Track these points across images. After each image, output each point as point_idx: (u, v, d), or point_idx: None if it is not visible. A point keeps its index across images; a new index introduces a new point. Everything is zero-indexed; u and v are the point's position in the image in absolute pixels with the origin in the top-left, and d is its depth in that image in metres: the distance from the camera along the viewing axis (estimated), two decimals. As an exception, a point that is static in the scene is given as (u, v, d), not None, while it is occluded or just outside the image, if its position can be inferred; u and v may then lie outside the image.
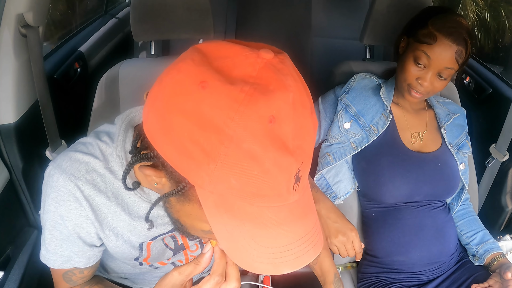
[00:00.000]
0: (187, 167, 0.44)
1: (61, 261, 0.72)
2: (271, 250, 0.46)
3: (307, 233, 0.49)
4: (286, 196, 0.46)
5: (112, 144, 0.67)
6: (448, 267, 1.14)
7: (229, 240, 0.46)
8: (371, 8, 1.28)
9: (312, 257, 0.49)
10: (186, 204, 0.51)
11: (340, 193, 1.17)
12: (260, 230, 0.46)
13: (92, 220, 0.68)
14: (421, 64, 1.01)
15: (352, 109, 1.15)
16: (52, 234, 0.69)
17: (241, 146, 0.42)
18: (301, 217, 0.49)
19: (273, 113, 0.43)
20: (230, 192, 0.44)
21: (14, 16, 0.96)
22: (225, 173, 0.43)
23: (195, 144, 0.43)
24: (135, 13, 1.12)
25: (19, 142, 1.08)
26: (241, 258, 0.47)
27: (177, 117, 0.44)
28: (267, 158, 0.43)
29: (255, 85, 0.43)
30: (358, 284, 1.19)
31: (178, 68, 0.46)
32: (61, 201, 0.66)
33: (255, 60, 0.45)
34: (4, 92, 1.03)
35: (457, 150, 1.18)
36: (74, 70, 1.77)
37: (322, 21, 2.44)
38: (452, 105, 1.25)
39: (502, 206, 1.46)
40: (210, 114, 0.42)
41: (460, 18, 1.00)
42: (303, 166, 0.47)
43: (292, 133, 0.44)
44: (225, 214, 0.46)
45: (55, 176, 0.66)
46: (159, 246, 0.80)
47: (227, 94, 0.42)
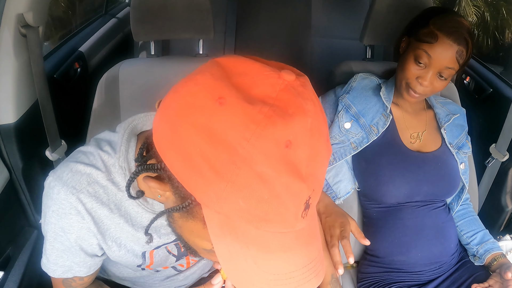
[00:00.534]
0: (195, 184, 0.43)
1: (61, 271, 0.71)
2: (273, 277, 0.45)
3: (310, 262, 0.48)
4: (294, 223, 0.45)
5: (114, 154, 0.65)
6: (448, 267, 1.14)
7: (231, 261, 0.45)
8: (371, 8, 1.28)
9: (314, 286, 0.48)
10: (190, 221, 0.50)
11: (340, 193, 1.17)
12: (263, 255, 0.45)
13: (95, 232, 0.67)
14: (421, 63, 1.01)
15: (352, 109, 1.15)
16: (53, 246, 0.69)
17: (253, 168, 0.41)
18: (306, 245, 0.48)
19: (290, 137, 0.42)
20: (236, 214, 0.43)
21: (14, 16, 0.96)
22: (234, 194, 0.42)
23: (206, 161, 0.41)
24: (135, 13, 1.12)
25: (19, 142, 1.07)
26: (241, 281, 0.46)
27: (189, 131, 0.42)
28: (279, 183, 0.42)
29: (274, 107, 0.42)
30: (358, 284, 1.19)
31: (196, 81, 0.45)
32: (63, 214, 0.64)
33: (276, 81, 0.44)
34: (4, 92, 1.03)
35: (457, 150, 1.18)
36: (74, 70, 1.77)
37: (322, 21, 2.44)
38: (452, 105, 1.25)
39: (502, 206, 1.47)
40: (225, 132, 0.41)
41: (461, 19, 1.00)
42: (313, 194, 0.46)
43: (307, 160, 0.43)
44: (229, 236, 0.44)
45: (55, 188, 0.64)
46: (162, 254, 0.79)
47: (245, 114, 0.41)
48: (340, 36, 2.41)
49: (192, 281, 0.99)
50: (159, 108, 0.49)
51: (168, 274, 0.91)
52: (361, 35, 1.33)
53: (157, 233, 0.73)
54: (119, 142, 0.65)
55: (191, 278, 0.97)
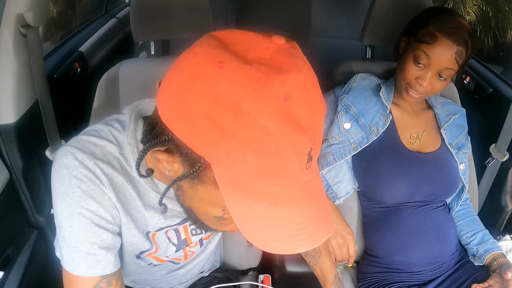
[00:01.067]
0: (204, 146, 0.46)
1: (85, 264, 0.64)
2: (286, 229, 0.47)
3: (319, 213, 0.51)
4: (299, 175, 0.48)
5: (123, 132, 0.66)
6: (448, 267, 1.14)
7: (245, 219, 0.47)
8: (371, 8, 1.28)
9: (325, 236, 0.50)
10: (199, 187, 0.52)
11: (340, 193, 1.17)
12: (274, 208, 0.47)
13: (114, 201, 0.65)
14: (421, 63, 1.01)
15: (352, 110, 1.15)
16: (72, 227, 0.62)
17: (257, 122, 0.44)
18: (313, 198, 0.51)
19: (288, 91, 0.45)
20: (246, 170, 0.46)
21: (14, 16, 0.96)
22: (242, 150, 0.44)
23: (212, 122, 0.44)
24: (135, 13, 1.12)
25: (19, 142, 1.08)
26: (257, 238, 0.48)
27: (194, 97, 0.45)
28: (282, 134, 0.45)
29: (270, 66, 0.45)
30: (358, 284, 1.19)
31: (195, 52, 0.48)
32: (83, 177, 0.62)
33: (268, 45, 0.47)
34: (4, 92, 1.03)
35: (457, 150, 1.18)
36: (74, 70, 1.77)
37: (322, 21, 2.44)
38: (452, 105, 1.25)
39: (502, 206, 1.47)
40: (228, 92, 0.44)
41: (461, 19, 1.00)
42: (314, 146, 0.49)
43: (305, 114, 0.46)
44: (240, 193, 0.47)
45: (71, 155, 0.62)
46: (163, 240, 0.80)
47: (244, 73, 0.44)
48: (340, 36, 2.41)
49: (192, 277, 0.99)
50: (161, 86, 0.52)
51: (168, 269, 0.91)
52: (361, 35, 1.33)
53: (163, 214, 0.74)
54: (127, 121, 0.67)
55: (191, 273, 0.97)
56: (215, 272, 1.06)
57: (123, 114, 0.69)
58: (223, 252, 1.12)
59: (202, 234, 0.86)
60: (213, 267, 1.08)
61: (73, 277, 0.65)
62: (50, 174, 0.66)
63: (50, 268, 1.13)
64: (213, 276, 1.05)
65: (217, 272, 1.07)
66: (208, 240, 0.92)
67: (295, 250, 0.48)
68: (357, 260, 1.26)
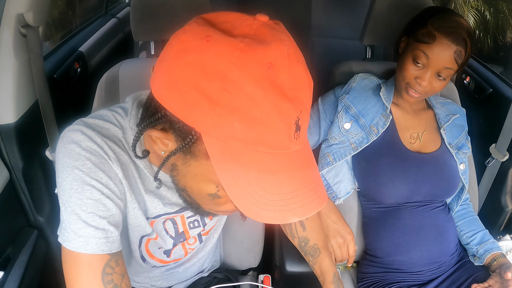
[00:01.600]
0: (193, 115, 0.48)
1: (95, 240, 0.61)
2: (277, 197, 0.49)
3: (311, 183, 0.52)
4: (288, 144, 0.49)
5: (126, 117, 0.68)
6: (448, 267, 1.14)
7: (236, 189, 0.48)
8: (371, 8, 1.28)
9: (317, 207, 0.51)
10: (192, 162, 0.54)
11: (340, 193, 1.17)
12: (265, 176, 0.49)
13: (121, 177, 0.66)
14: (419, 63, 1.01)
15: (352, 110, 1.15)
16: (82, 201, 0.61)
17: (243, 89, 0.46)
18: (304, 167, 0.52)
19: (271, 60, 0.47)
20: (234, 138, 0.47)
21: (14, 16, 0.96)
22: (229, 118, 0.46)
23: (201, 92, 0.47)
24: (135, 13, 1.12)
25: (19, 142, 1.07)
26: (249, 208, 0.48)
27: (183, 70, 0.48)
28: (267, 101, 0.47)
29: (253, 38, 0.48)
30: (358, 284, 1.19)
31: (184, 30, 0.51)
32: (93, 150, 0.62)
33: (252, 22, 0.51)
34: (4, 92, 1.03)
35: (456, 151, 1.18)
36: (74, 70, 1.77)
37: (322, 21, 2.44)
38: (452, 105, 1.25)
39: (502, 206, 1.47)
40: (214, 62, 0.46)
41: (460, 19, 1.00)
42: (302, 116, 0.50)
43: (289, 83, 0.48)
44: (231, 162, 0.48)
45: (78, 132, 0.63)
46: (160, 231, 0.80)
47: (229, 44, 0.47)
48: (340, 36, 2.41)
49: (192, 275, 0.99)
50: (154, 68, 0.54)
51: (168, 265, 0.91)
52: (361, 35, 1.33)
53: (162, 200, 0.74)
54: (129, 107, 0.69)
55: (190, 271, 0.97)
56: (215, 272, 1.06)
57: (126, 102, 0.72)
58: (223, 252, 1.12)
59: (200, 227, 0.86)
60: (213, 267, 1.08)
61: (80, 257, 0.61)
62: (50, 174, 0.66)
63: (50, 268, 1.13)
64: (213, 276, 1.05)
65: (217, 272, 1.07)
66: (207, 236, 0.92)
67: (287, 219, 0.49)
68: (357, 260, 1.26)
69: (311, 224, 0.95)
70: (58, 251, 0.68)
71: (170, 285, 0.96)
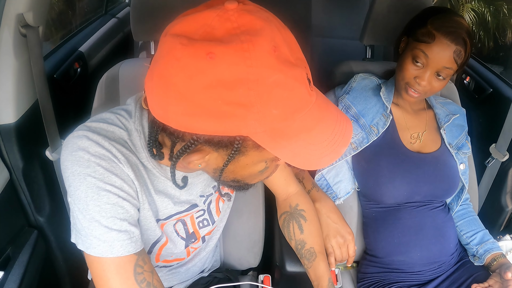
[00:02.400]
0: (235, 126, 0.49)
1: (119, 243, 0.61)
2: (325, 143, 0.55)
3: (337, 114, 0.60)
4: (309, 99, 0.54)
5: (130, 119, 0.68)
6: (448, 267, 1.14)
7: (295, 157, 0.53)
8: (371, 8, 1.28)
9: (350, 129, 0.60)
10: (241, 158, 0.57)
11: (340, 193, 1.17)
12: (311, 133, 0.54)
13: (132, 178, 0.65)
14: (419, 63, 1.01)
15: (352, 110, 1.15)
16: (100, 206, 0.61)
17: (266, 82, 0.48)
18: (326, 106, 0.59)
19: (273, 43, 0.50)
20: (277, 121, 0.51)
21: (14, 16, 0.96)
22: (266, 110, 0.49)
23: (231, 104, 0.48)
24: (135, 13, 1.12)
25: (19, 142, 1.07)
26: (310, 164, 0.55)
27: (203, 94, 0.48)
28: (288, 78, 0.50)
29: (245, 32, 0.49)
30: (358, 284, 1.19)
31: (175, 58, 0.49)
32: (102, 155, 0.62)
33: (227, 15, 0.50)
34: (4, 92, 1.03)
35: (456, 151, 1.18)
36: (74, 70, 1.77)
37: (322, 21, 2.44)
38: (452, 105, 1.25)
39: (502, 206, 1.47)
40: (230, 74, 0.47)
41: (460, 19, 1.00)
42: (307, 70, 0.55)
43: (290, 52, 0.52)
44: (282, 141, 0.52)
45: (84, 138, 0.62)
46: (171, 233, 0.80)
47: (234, 50, 0.47)
48: (340, 36, 2.41)
49: (193, 275, 0.99)
50: (155, 104, 0.53)
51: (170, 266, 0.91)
52: (361, 35, 1.33)
53: (172, 199, 0.75)
54: (133, 109, 0.69)
55: (192, 271, 0.97)
56: (215, 272, 1.06)
57: (128, 104, 0.71)
58: (223, 252, 1.12)
59: (209, 226, 0.87)
60: (213, 267, 1.08)
61: (107, 262, 0.61)
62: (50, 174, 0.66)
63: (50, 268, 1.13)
64: (213, 276, 1.05)
65: (217, 272, 1.07)
66: (210, 236, 0.92)
67: (340, 152, 0.57)
68: (357, 260, 1.26)
69: (309, 227, 0.95)
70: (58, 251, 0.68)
71: (171, 285, 0.97)
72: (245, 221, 1.11)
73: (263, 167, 0.61)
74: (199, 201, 0.81)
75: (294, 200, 0.97)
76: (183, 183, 0.71)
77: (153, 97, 0.53)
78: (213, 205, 0.87)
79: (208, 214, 0.86)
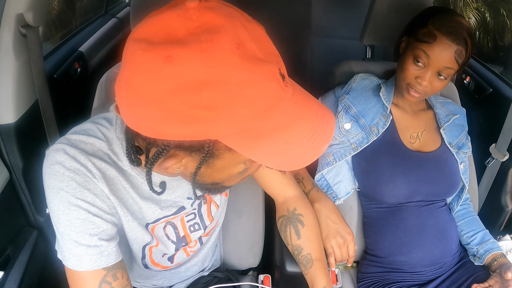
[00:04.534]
0: (203, 129, 0.47)
1: (89, 257, 0.63)
2: (305, 140, 0.53)
3: (317, 108, 0.56)
4: (284, 95, 0.51)
5: (111, 127, 0.68)
6: (448, 267, 1.14)
7: (272, 157, 0.51)
8: (371, 8, 1.28)
9: (332, 122, 0.57)
10: (216, 162, 0.55)
11: (340, 194, 1.17)
12: (288, 132, 0.51)
13: (107, 193, 0.66)
14: (420, 63, 1.01)
15: (352, 110, 1.15)
16: (70, 221, 0.62)
17: (230, 81, 0.46)
18: (306, 102, 0.56)
19: (236, 41, 0.47)
20: (248, 122, 0.48)
21: (14, 16, 0.96)
22: (235, 111, 0.47)
23: (196, 108, 0.46)
24: (135, 13, 1.12)
25: (19, 142, 1.07)
26: (288, 164, 0.53)
27: (168, 99, 0.46)
28: (256, 76, 0.47)
29: (206, 31, 0.46)
30: (358, 284, 1.19)
31: (136, 64, 0.48)
32: (76, 169, 0.62)
33: (187, 14, 0.48)
34: (4, 92, 1.03)
35: (457, 150, 1.18)
36: (74, 70, 1.77)
37: (322, 21, 2.44)
38: (452, 105, 1.25)
39: (502, 206, 1.47)
40: (191, 76, 0.45)
41: (461, 19, 1.00)
42: (280, 65, 0.52)
43: (257, 46, 0.49)
44: (256, 142, 0.50)
45: (61, 151, 0.63)
46: (161, 237, 0.80)
47: (193, 52, 0.45)
48: (340, 36, 2.41)
49: (193, 274, 0.99)
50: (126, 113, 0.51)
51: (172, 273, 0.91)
52: (361, 35, 1.33)
53: (158, 204, 0.74)
54: (114, 117, 0.68)
55: (191, 270, 0.97)
56: (215, 272, 1.06)
57: (110, 112, 0.71)
58: (223, 252, 1.12)
59: (201, 230, 0.86)
60: (214, 266, 1.08)
61: (77, 274, 0.64)
62: None
63: (50, 268, 1.13)
64: (213, 275, 1.05)
65: (217, 272, 1.07)
66: (207, 237, 0.92)
67: (321, 150, 0.54)
68: (357, 260, 1.26)
69: (307, 233, 0.93)
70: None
71: (171, 284, 0.97)
72: (245, 221, 1.11)
73: (242, 169, 0.59)
74: (186, 203, 0.80)
75: (292, 204, 0.96)
76: (161, 189, 0.69)
77: (122, 104, 0.51)
78: (204, 209, 0.86)
79: (199, 218, 0.85)
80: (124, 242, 0.77)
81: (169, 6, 0.50)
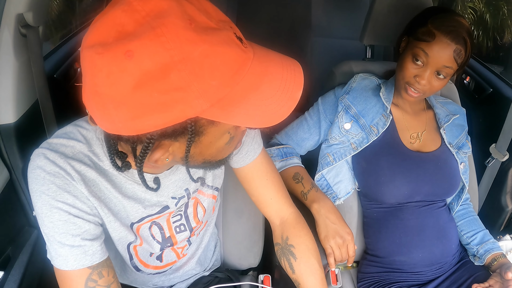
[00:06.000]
0: (180, 112, 0.49)
1: (73, 257, 0.65)
2: (279, 93, 0.54)
3: (281, 60, 0.57)
4: (245, 56, 0.53)
5: (91, 128, 0.68)
6: (448, 267, 1.14)
7: (252, 118, 0.53)
8: (371, 8, 1.28)
9: (300, 70, 0.58)
10: (202, 139, 0.56)
11: (340, 194, 1.17)
12: (259, 90, 0.53)
13: (87, 195, 0.67)
14: (419, 61, 1.01)
15: (352, 110, 1.15)
16: (53, 223, 0.64)
17: (192, 57, 0.47)
18: (268, 57, 0.57)
19: (186, 17, 0.48)
20: (219, 91, 0.50)
21: (14, 16, 0.96)
22: (204, 85, 0.48)
23: (167, 92, 0.47)
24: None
25: (19, 142, 1.07)
26: (269, 120, 0.54)
27: (137, 93, 0.47)
28: (214, 45, 0.49)
29: (155, 17, 0.47)
30: (358, 284, 1.19)
31: (98, 69, 0.48)
32: (56, 173, 0.64)
33: (131, 7, 0.48)
34: (4, 92, 1.03)
35: (457, 150, 1.18)
36: (74, 70, 1.77)
37: (322, 21, 2.44)
38: (452, 105, 1.25)
39: (502, 206, 1.46)
40: (154, 64, 0.46)
41: (460, 18, 1.00)
42: (235, 29, 0.54)
43: (206, 17, 0.50)
44: (233, 108, 0.51)
45: (42, 156, 0.65)
46: (147, 236, 0.80)
47: (149, 40, 0.46)
48: (340, 36, 2.41)
49: (192, 275, 0.99)
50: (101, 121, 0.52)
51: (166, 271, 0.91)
52: (361, 35, 1.33)
53: (142, 203, 0.74)
54: None
55: (190, 274, 0.97)
56: (215, 272, 1.06)
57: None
58: (223, 252, 1.12)
59: (186, 231, 0.86)
60: (214, 266, 1.08)
61: (64, 273, 0.66)
62: None
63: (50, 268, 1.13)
64: (214, 275, 1.05)
65: (217, 272, 1.07)
66: (196, 237, 0.92)
67: (297, 97, 0.55)
68: (357, 260, 1.26)
69: (299, 267, 0.89)
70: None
71: (172, 283, 0.97)
72: (245, 221, 1.11)
73: (227, 138, 0.60)
74: (171, 203, 0.79)
75: (285, 230, 0.91)
76: (156, 185, 0.70)
77: (95, 114, 0.52)
78: (190, 211, 0.85)
79: (185, 219, 0.85)
80: (111, 245, 0.78)
81: (110, 6, 0.51)
